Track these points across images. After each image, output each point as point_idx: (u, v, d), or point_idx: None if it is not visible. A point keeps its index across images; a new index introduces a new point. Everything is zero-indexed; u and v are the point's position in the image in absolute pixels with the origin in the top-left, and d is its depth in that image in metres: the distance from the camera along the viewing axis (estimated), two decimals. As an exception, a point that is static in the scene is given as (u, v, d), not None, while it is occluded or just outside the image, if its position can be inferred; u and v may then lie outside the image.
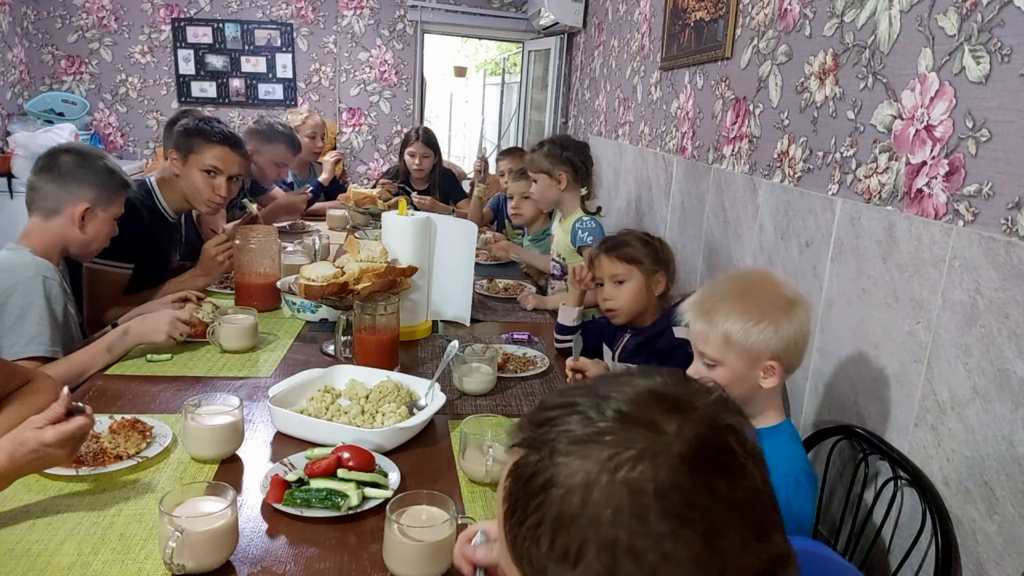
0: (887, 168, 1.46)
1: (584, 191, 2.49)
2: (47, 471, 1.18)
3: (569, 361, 1.70)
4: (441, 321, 2.11)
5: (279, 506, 1.12)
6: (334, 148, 4.91)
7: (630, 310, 1.82)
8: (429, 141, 3.74)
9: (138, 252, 2.14)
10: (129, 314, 1.94)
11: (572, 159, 2.47)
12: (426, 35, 5.19)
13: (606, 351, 1.96)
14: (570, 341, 1.95)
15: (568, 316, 1.94)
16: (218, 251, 2.18)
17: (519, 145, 5.51)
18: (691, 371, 1.31)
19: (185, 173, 2.23)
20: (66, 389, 1.12)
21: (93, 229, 1.82)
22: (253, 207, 2.88)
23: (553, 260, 2.62)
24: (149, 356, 1.73)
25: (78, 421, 1.08)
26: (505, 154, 3.80)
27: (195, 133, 2.22)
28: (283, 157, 3.21)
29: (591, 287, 1.93)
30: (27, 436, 1.05)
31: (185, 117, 2.38)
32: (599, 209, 2.52)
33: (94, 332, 1.85)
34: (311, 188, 3.67)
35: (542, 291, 2.63)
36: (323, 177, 3.86)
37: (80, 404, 1.12)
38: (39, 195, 1.78)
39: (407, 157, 3.73)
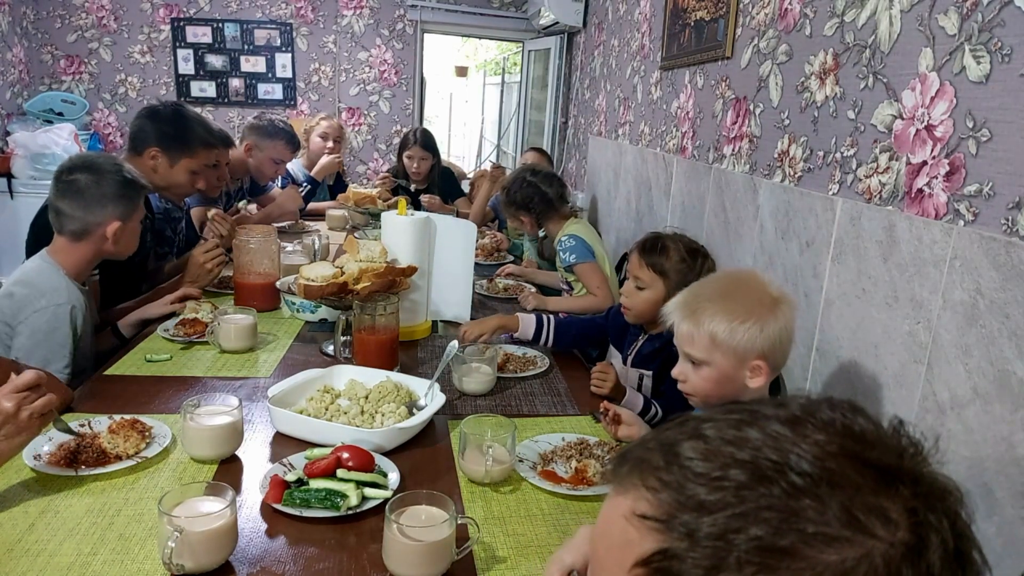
0: (887, 168, 1.46)
1: (542, 232, 2.65)
2: (46, 470, 1.18)
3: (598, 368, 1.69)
4: (441, 321, 2.11)
5: (278, 506, 1.12)
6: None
7: (642, 315, 1.79)
8: (427, 144, 3.72)
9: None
10: (128, 318, 1.95)
11: (521, 205, 2.61)
12: (426, 35, 5.18)
13: (615, 354, 1.93)
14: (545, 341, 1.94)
15: (525, 332, 1.93)
16: (207, 259, 2.15)
17: (520, 146, 5.52)
18: (676, 371, 1.31)
19: (169, 174, 2.20)
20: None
21: (125, 239, 1.81)
22: (244, 208, 2.88)
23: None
24: (149, 356, 1.73)
25: (28, 374, 1.11)
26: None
27: (187, 132, 2.22)
28: (282, 154, 3.20)
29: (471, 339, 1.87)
30: None
31: (166, 111, 2.33)
32: (569, 217, 2.64)
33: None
34: (304, 181, 3.65)
35: (542, 291, 2.63)
36: (315, 171, 3.75)
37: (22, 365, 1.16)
38: (66, 219, 1.72)
39: (405, 160, 3.72)
